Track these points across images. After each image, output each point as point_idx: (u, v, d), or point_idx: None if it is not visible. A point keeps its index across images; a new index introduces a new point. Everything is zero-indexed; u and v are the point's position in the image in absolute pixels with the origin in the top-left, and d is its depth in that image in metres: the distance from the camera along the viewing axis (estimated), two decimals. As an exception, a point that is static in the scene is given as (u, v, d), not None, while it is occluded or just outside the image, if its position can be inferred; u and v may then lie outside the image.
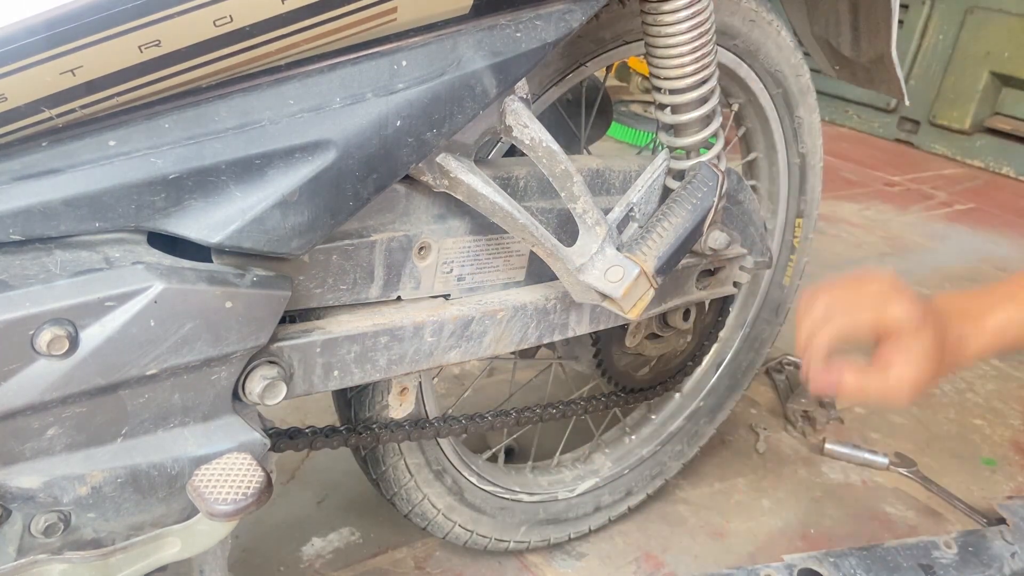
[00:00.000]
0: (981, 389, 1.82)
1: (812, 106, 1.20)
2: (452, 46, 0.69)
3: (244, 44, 0.59)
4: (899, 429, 1.64)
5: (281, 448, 0.86)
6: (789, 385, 1.72)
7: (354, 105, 0.65)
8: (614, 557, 1.23)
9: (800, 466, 1.49)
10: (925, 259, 2.56)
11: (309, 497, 1.28)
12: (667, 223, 0.86)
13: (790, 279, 1.32)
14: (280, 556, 1.16)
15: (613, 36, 0.92)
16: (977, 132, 3.66)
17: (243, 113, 0.63)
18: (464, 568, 1.17)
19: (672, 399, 1.32)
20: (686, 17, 0.83)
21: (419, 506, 1.05)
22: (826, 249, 2.52)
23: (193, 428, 0.68)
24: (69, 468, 0.63)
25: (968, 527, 1.37)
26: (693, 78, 0.87)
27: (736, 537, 1.30)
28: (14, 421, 0.59)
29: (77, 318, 0.58)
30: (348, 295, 0.79)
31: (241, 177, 0.63)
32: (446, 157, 0.74)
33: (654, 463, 1.29)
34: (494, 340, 0.88)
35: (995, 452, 1.60)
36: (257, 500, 0.64)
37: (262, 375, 0.71)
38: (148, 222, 0.62)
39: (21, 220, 0.58)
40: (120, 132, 0.60)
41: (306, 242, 0.67)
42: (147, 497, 0.67)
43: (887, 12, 1.03)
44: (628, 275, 0.82)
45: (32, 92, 0.55)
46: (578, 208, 0.82)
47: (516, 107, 0.76)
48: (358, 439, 0.92)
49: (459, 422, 0.98)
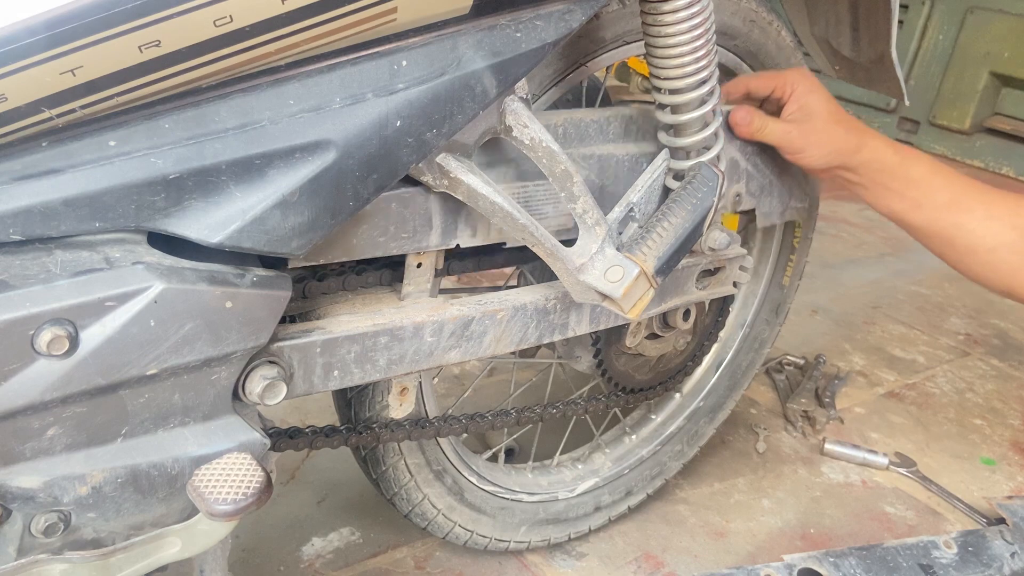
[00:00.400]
0: (981, 389, 1.82)
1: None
2: (452, 46, 0.69)
3: (244, 44, 0.59)
4: (899, 429, 1.64)
5: (281, 448, 0.86)
6: (789, 385, 1.72)
7: (354, 105, 0.65)
8: (614, 557, 1.23)
9: (800, 466, 1.49)
10: (925, 259, 2.55)
11: (309, 497, 1.28)
12: (667, 223, 0.86)
13: (789, 279, 1.32)
14: (280, 556, 1.16)
15: (613, 36, 0.92)
16: (977, 132, 3.66)
17: (243, 113, 0.63)
18: (464, 568, 1.17)
19: (672, 399, 1.32)
20: (686, 17, 0.83)
21: (419, 506, 1.05)
22: (826, 249, 2.52)
23: (193, 428, 0.68)
24: (69, 468, 0.63)
25: (968, 527, 1.37)
26: (693, 78, 0.87)
27: (736, 537, 1.30)
28: (14, 421, 0.59)
29: (77, 318, 0.58)
30: (410, 243, 0.79)
31: (241, 177, 0.63)
32: (446, 157, 0.74)
33: (654, 463, 1.29)
34: (494, 340, 0.88)
35: (995, 452, 1.60)
36: (257, 500, 0.64)
37: (262, 375, 0.71)
38: (148, 222, 0.62)
39: (21, 220, 0.58)
40: (120, 132, 0.60)
41: (306, 242, 0.67)
42: (147, 497, 0.67)
43: (887, 12, 1.03)
44: (628, 275, 0.82)
45: (32, 92, 0.55)
46: (578, 208, 0.82)
47: (516, 107, 0.76)
48: (358, 439, 0.92)
49: (459, 422, 0.99)
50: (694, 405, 1.31)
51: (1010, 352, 2.02)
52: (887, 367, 1.87)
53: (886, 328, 2.07)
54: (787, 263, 1.31)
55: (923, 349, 1.99)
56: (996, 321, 2.18)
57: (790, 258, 1.31)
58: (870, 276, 2.36)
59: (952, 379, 1.85)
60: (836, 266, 2.41)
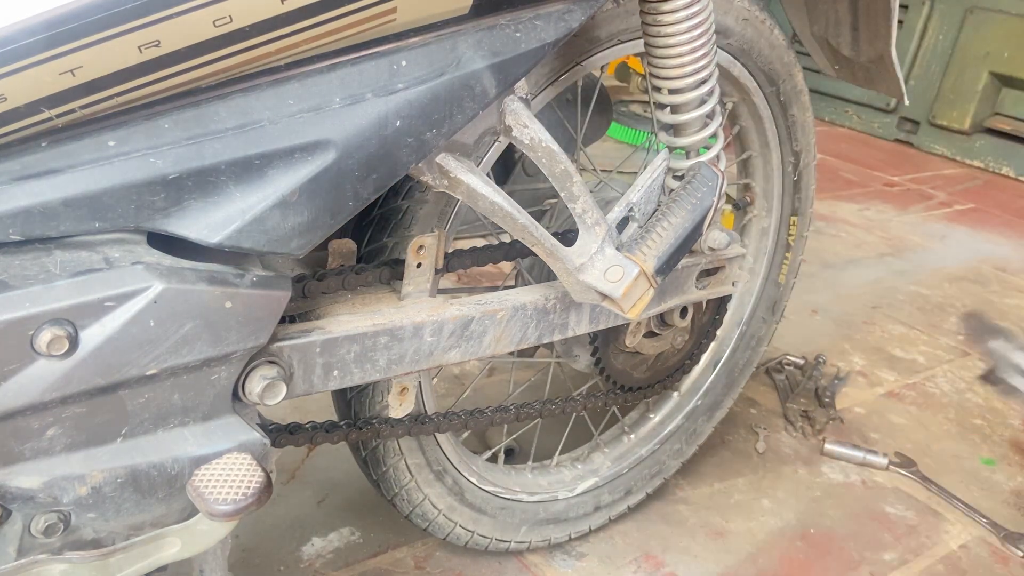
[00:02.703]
0: (981, 389, 1.82)
1: (805, 104, 1.21)
2: (452, 46, 0.69)
3: (244, 44, 0.59)
4: (899, 429, 1.64)
5: (281, 443, 0.86)
6: (789, 385, 1.72)
7: (354, 105, 0.65)
8: (614, 557, 1.23)
9: (800, 466, 1.49)
10: (925, 259, 2.56)
11: (309, 497, 1.28)
12: (667, 223, 0.86)
13: (785, 277, 1.32)
14: (280, 556, 1.16)
15: (608, 35, 0.92)
16: (977, 132, 3.66)
17: (243, 113, 0.63)
18: (464, 568, 1.17)
19: (670, 398, 1.32)
20: (685, 17, 0.83)
21: (420, 507, 1.05)
22: (826, 249, 2.52)
23: (193, 428, 0.68)
24: (69, 468, 0.63)
25: (968, 527, 1.38)
26: (692, 78, 0.87)
27: (736, 537, 1.30)
28: (14, 421, 0.59)
29: (77, 318, 0.58)
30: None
31: (241, 177, 0.63)
32: (446, 157, 0.74)
33: (653, 462, 1.29)
34: (494, 340, 0.88)
35: (995, 452, 1.60)
36: (257, 500, 0.64)
37: (262, 375, 0.71)
38: (148, 222, 0.62)
39: (21, 220, 0.58)
40: (120, 132, 0.60)
41: (306, 242, 0.67)
42: (147, 497, 0.67)
43: (887, 12, 1.03)
44: (628, 275, 0.82)
45: (32, 92, 0.55)
46: (577, 208, 0.82)
47: (516, 107, 0.76)
48: (358, 435, 0.92)
49: (458, 417, 0.98)
50: (692, 403, 1.31)
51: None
52: (887, 367, 1.87)
53: (886, 328, 2.07)
54: (783, 260, 1.31)
55: (923, 349, 1.99)
56: (997, 322, 2.18)
57: (786, 255, 1.31)
58: (870, 276, 2.36)
59: (952, 379, 1.85)
60: (836, 266, 2.41)
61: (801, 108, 1.20)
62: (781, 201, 1.27)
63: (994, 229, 2.92)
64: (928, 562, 1.29)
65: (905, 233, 2.76)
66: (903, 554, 1.30)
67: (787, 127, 1.20)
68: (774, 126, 1.19)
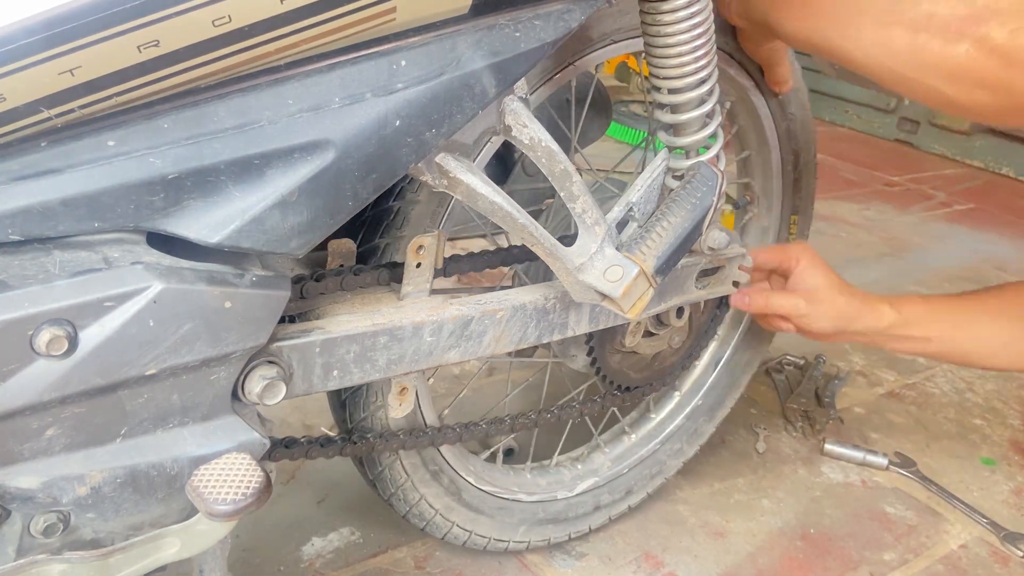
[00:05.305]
0: (981, 389, 1.82)
1: (804, 103, 1.21)
2: (451, 46, 0.69)
3: (243, 44, 0.59)
4: (899, 429, 1.64)
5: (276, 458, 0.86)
6: (789, 385, 1.72)
7: (353, 105, 0.65)
8: (614, 557, 1.23)
9: (800, 466, 1.49)
10: (925, 259, 2.56)
11: (309, 497, 1.28)
12: (666, 222, 0.86)
13: (788, 277, 1.32)
14: (280, 556, 1.16)
15: (600, 35, 0.92)
16: (977, 132, 3.66)
17: (242, 113, 0.63)
18: (464, 568, 1.17)
19: (671, 397, 1.32)
20: (685, 17, 0.83)
21: (416, 506, 1.05)
22: (826, 249, 2.51)
23: (192, 428, 0.68)
24: (68, 468, 0.63)
25: (968, 527, 1.37)
26: (692, 77, 0.87)
27: (736, 537, 1.30)
28: (13, 421, 0.59)
29: (76, 318, 0.58)
30: None
31: (240, 177, 0.63)
32: (445, 157, 0.74)
33: (653, 462, 1.29)
34: (493, 340, 0.88)
35: (995, 452, 1.60)
36: (257, 500, 0.64)
37: (261, 375, 0.71)
38: (147, 222, 0.62)
39: (20, 220, 0.58)
40: (119, 132, 0.60)
41: (305, 242, 0.67)
42: (146, 497, 0.67)
43: (886, 12, 1.02)
44: (627, 275, 0.82)
45: (31, 92, 0.55)
46: (577, 208, 0.82)
47: (515, 107, 0.76)
48: (353, 449, 0.92)
49: (453, 430, 0.98)
50: (693, 403, 1.31)
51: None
52: (887, 367, 1.87)
53: (886, 328, 2.06)
54: (785, 261, 1.31)
55: (923, 349, 1.98)
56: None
57: (787, 256, 1.31)
58: (870, 276, 2.36)
59: (952, 379, 1.85)
60: (836, 266, 2.39)
61: (799, 107, 1.20)
62: (781, 200, 1.27)
63: (994, 229, 2.92)
64: (928, 562, 1.29)
65: (905, 233, 2.76)
66: (903, 554, 1.30)
67: (786, 126, 1.20)
68: (772, 125, 1.19)
